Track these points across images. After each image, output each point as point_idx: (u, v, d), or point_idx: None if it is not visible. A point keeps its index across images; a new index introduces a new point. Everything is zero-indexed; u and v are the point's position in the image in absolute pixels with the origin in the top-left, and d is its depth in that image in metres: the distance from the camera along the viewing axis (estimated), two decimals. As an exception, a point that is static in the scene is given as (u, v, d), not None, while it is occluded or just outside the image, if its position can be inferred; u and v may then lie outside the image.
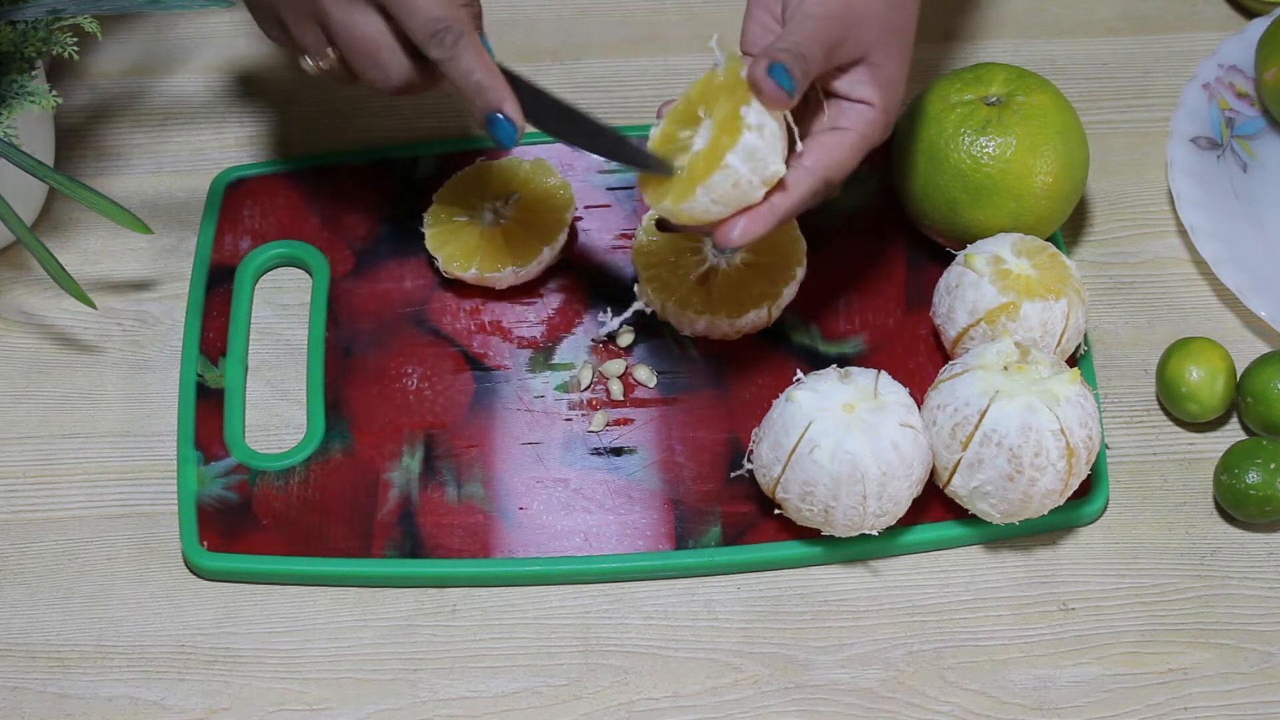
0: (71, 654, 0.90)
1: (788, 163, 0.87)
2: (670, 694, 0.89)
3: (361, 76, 0.90)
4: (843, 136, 0.89)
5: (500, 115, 0.88)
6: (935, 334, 0.99)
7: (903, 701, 0.89)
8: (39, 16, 0.94)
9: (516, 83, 0.90)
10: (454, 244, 1.00)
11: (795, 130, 0.87)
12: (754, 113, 0.85)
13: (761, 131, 0.85)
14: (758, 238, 0.87)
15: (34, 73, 0.96)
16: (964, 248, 0.96)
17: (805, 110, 0.90)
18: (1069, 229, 1.05)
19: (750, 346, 0.99)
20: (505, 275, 1.00)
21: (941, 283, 0.97)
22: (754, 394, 0.97)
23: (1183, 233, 1.04)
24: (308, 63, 0.91)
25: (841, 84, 0.89)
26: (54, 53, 0.96)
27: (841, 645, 0.91)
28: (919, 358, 0.99)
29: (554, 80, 1.12)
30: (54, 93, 0.96)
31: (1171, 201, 1.06)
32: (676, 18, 1.15)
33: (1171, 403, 0.96)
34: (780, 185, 0.87)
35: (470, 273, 1.00)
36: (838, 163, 0.89)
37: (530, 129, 0.89)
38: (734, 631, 0.91)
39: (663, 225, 0.92)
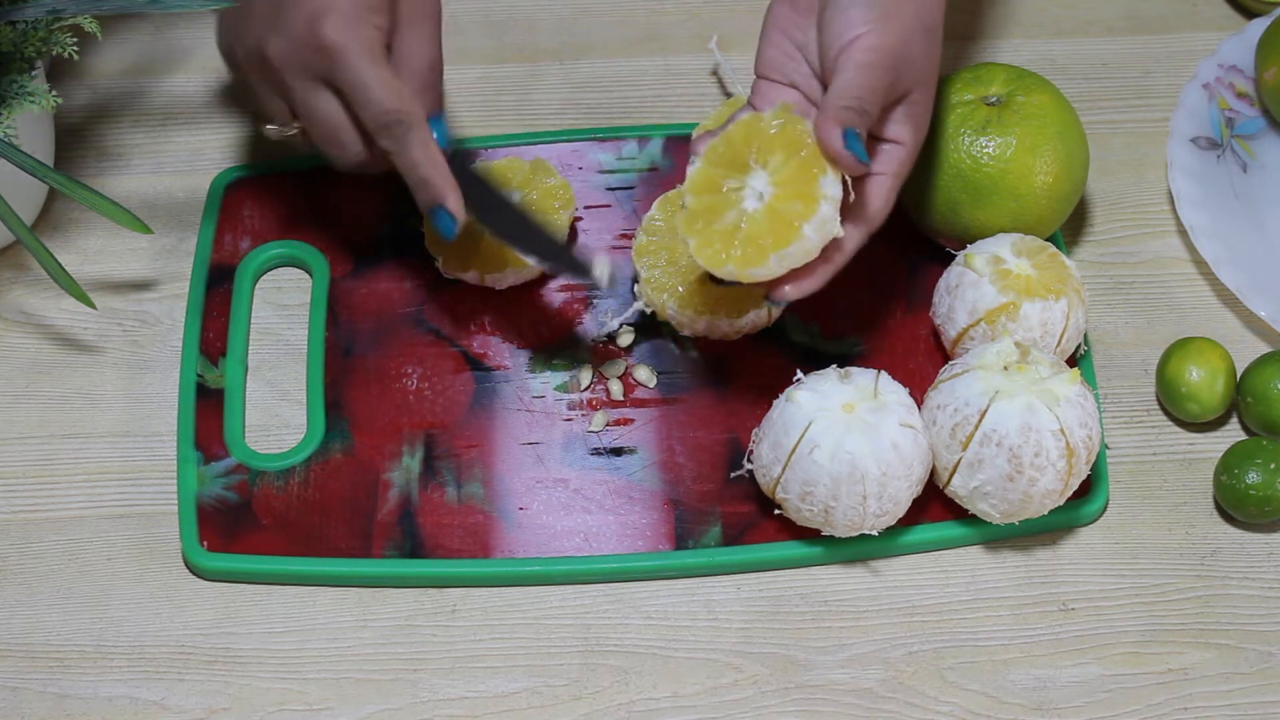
0: (71, 654, 0.90)
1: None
2: (670, 694, 0.89)
3: (320, 150, 0.94)
4: (882, 183, 0.90)
5: (442, 209, 0.91)
6: (935, 334, 0.99)
7: (902, 701, 0.89)
8: (39, 16, 0.93)
9: (464, 172, 0.93)
10: (454, 244, 1.00)
11: (850, 185, 0.88)
12: (830, 183, 0.86)
13: (834, 201, 0.86)
14: (810, 293, 0.89)
15: (34, 73, 0.96)
16: (964, 248, 0.96)
17: None
18: (1069, 229, 1.05)
19: (750, 346, 0.99)
20: (505, 275, 1.00)
21: (941, 283, 0.97)
22: (754, 394, 0.97)
23: (1183, 233, 1.04)
24: (270, 129, 0.96)
25: (877, 124, 0.91)
26: (54, 53, 0.96)
27: (841, 645, 0.91)
28: (919, 358, 0.99)
29: (554, 80, 1.12)
30: (54, 93, 0.96)
31: (1171, 201, 1.06)
32: (676, 18, 1.15)
33: (1171, 403, 0.96)
34: (835, 242, 0.88)
35: (470, 273, 1.00)
36: (881, 212, 0.90)
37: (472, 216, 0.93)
38: (734, 631, 0.91)
39: (715, 280, 0.93)
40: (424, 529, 0.93)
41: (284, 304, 1.02)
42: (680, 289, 0.97)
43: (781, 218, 0.86)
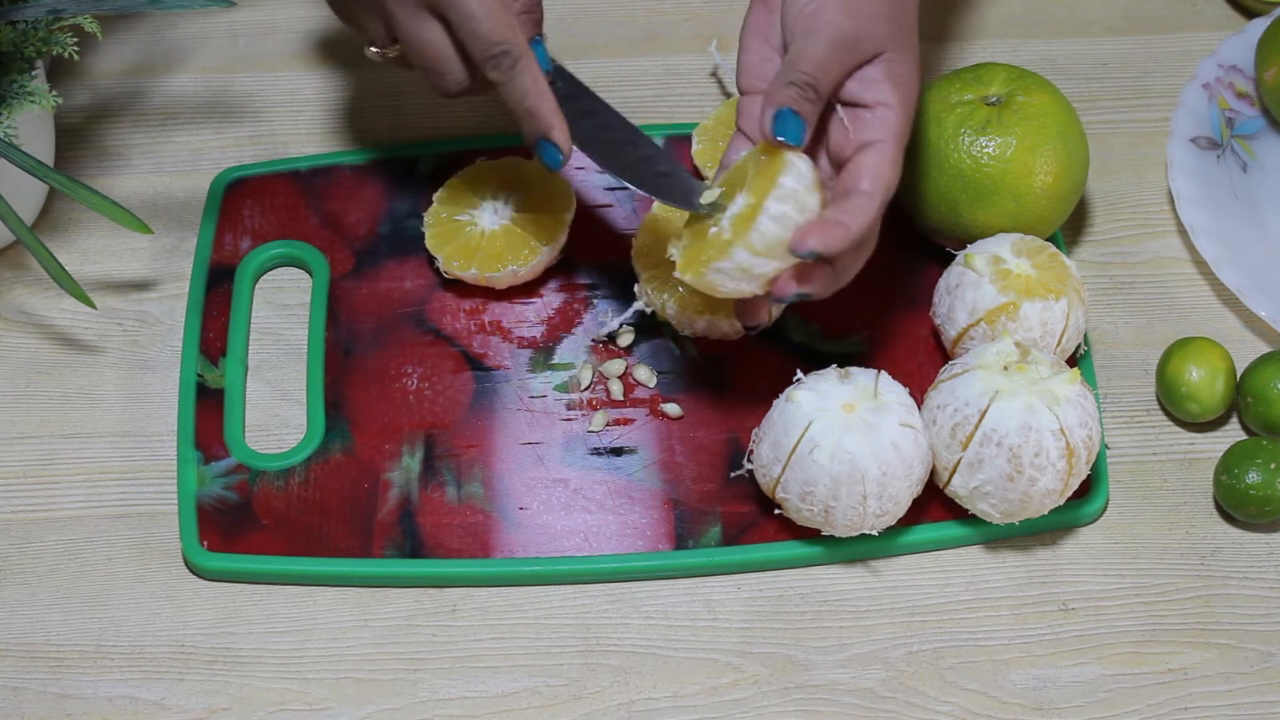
0: (72, 654, 0.90)
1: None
2: (670, 694, 0.89)
3: (421, 76, 0.92)
4: (880, 150, 0.88)
5: (548, 141, 0.90)
6: (935, 334, 0.99)
7: (902, 701, 0.89)
8: (39, 16, 0.93)
9: (574, 99, 0.92)
10: (454, 244, 1.00)
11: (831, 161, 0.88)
12: (792, 168, 0.85)
13: (800, 178, 0.85)
14: (834, 252, 0.85)
15: (34, 73, 0.96)
16: (964, 248, 0.96)
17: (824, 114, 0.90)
18: (1069, 229, 1.05)
19: (750, 346, 0.99)
20: (505, 275, 1.00)
21: (941, 283, 0.97)
22: (754, 394, 0.97)
23: (1183, 232, 1.04)
24: (372, 51, 0.94)
25: (855, 87, 0.89)
26: (54, 53, 0.96)
27: (841, 645, 0.91)
28: (919, 358, 0.99)
29: (554, 80, 1.12)
30: (54, 93, 0.96)
31: (1171, 201, 1.06)
32: (676, 18, 1.15)
33: (1171, 403, 0.96)
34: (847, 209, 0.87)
35: (470, 273, 1.00)
36: (886, 179, 0.88)
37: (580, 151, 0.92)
38: (734, 631, 0.91)
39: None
40: (424, 529, 0.93)
41: (284, 304, 1.02)
42: (680, 289, 0.97)
43: (746, 214, 0.86)
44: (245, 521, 0.93)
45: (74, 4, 0.92)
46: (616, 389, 0.98)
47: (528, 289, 1.01)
